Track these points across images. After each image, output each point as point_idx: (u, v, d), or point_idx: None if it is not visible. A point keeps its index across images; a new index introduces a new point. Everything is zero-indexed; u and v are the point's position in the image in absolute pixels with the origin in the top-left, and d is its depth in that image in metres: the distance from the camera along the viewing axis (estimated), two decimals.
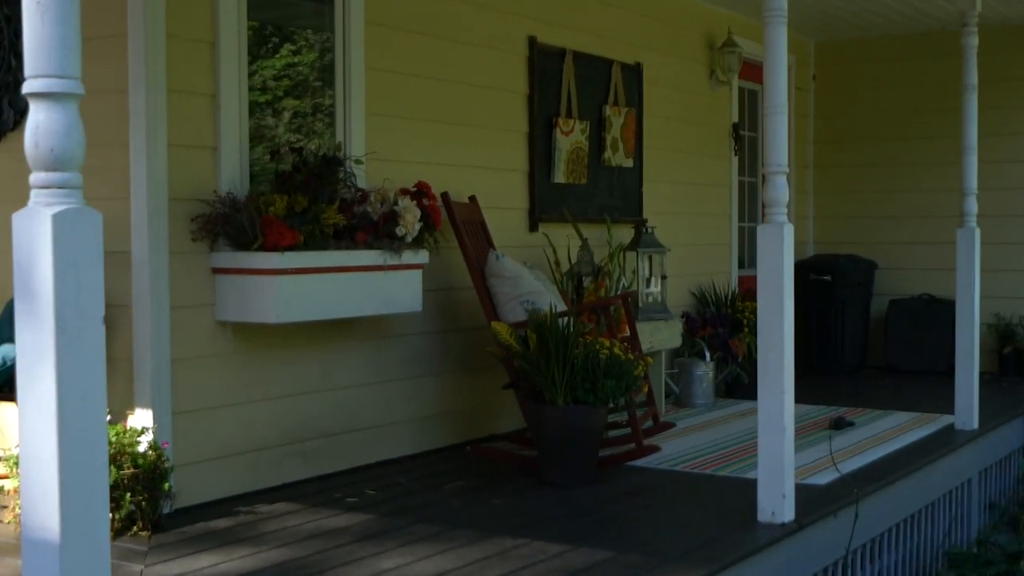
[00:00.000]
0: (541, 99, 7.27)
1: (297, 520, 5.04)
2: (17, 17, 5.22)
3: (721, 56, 9.12)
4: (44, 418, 2.25)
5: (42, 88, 2.35)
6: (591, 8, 7.79)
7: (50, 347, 2.24)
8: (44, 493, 2.26)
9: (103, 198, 5.03)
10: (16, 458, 4.75)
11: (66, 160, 2.35)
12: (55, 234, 2.29)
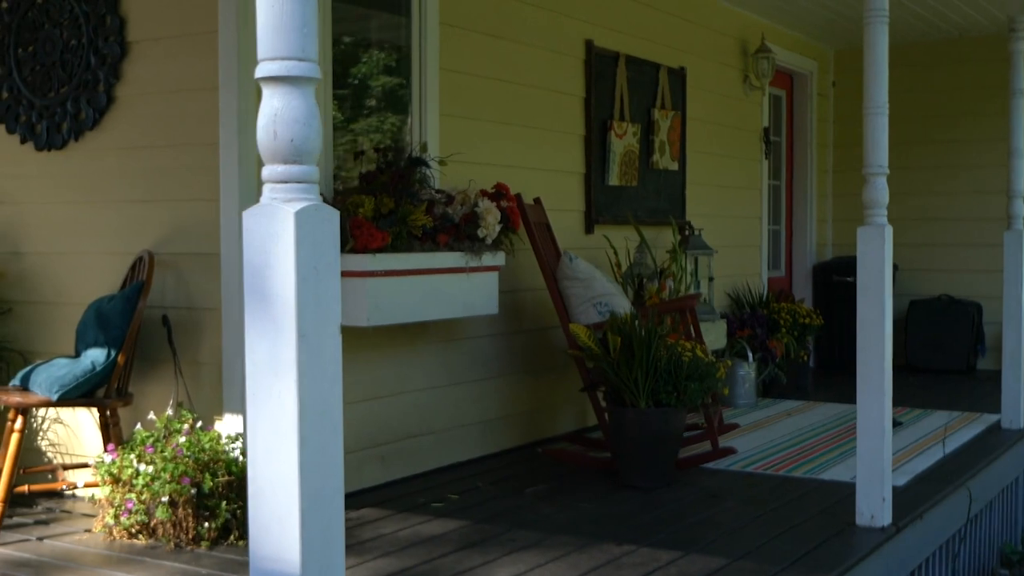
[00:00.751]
0: (597, 102, 6.99)
1: (391, 527, 4.73)
2: (96, 13, 4.89)
3: (755, 61, 8.86)
4: (282, 438, 1.93)
5: (280, 71, 2.02)
6: (641, 13, 7.50)
7: (291, 360, 1.93)
8: (281, 521, 1.94)
9: (192, 199, 4.73)
10: (108, 467, 4.43)
11: (306, 152, 2.02)
12: (298, 233, 1.97)
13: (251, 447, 2.00)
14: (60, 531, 4.68)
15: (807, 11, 8.82)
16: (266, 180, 2.06)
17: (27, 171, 5.36)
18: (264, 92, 2.07)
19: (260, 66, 2.06)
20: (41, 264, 5.34)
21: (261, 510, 1.99)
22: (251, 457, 2.00)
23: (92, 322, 4.73)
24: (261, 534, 2.00)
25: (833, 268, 10.01)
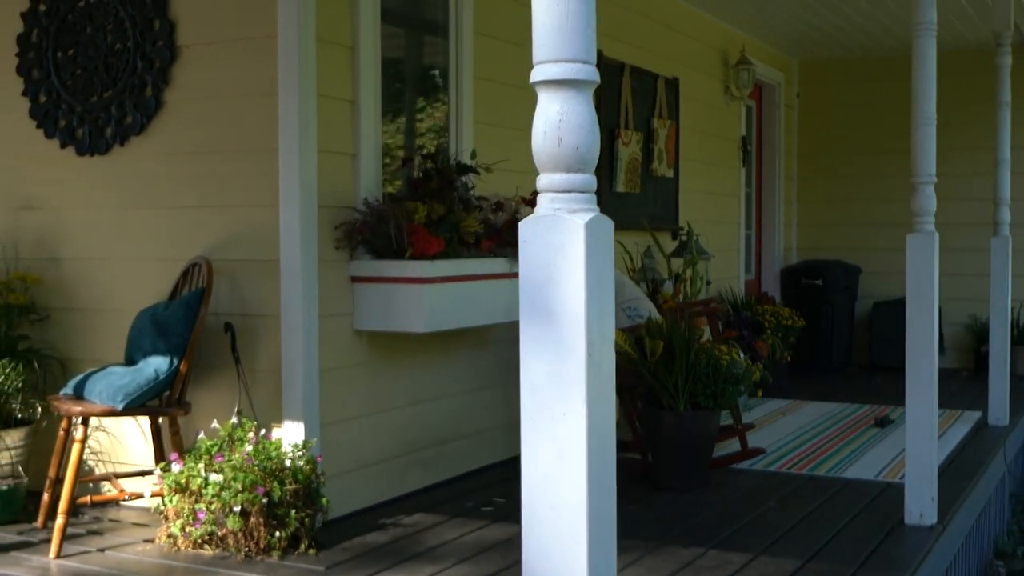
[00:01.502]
0: (605, 111, 6.87)
1: (452, 532, 4.55)
2: (143, 17, 4.63)
3: (735, 73, 8.82)
4: (567, 462, 1.76)
5: (562, 75, 1.83)
6: (642, 24, 7.41)
7: (579, 379, 1.76)
8: (562, 547, 1.76)
9: (249, 204, 4.51)
10: (175, 476, 4.19)
11: (589, 160, 1.84)
12: (588, 245, 1.80)
13: (528, 470, 1.82)
14: (117, 542, 4.41)
15: (782, 23, 8.80)
16: (545, 189, 1.88)
17: (66, 176, 5.06)
18: (541, 96, 1.89)
19: (539, 69, 1.87)
20: (80, 270, 5.05)
21: (538, 534, 1.81)
22: (528, 480, 1.83)
23: (148, 329, 4.47)
24: (537, 560, 1.82)
25: (802, 271, 10.03)
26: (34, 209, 5.16)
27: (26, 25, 5.13)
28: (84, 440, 4.28)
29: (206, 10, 4.70)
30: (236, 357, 4.52)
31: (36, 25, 5.10)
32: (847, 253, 10.21)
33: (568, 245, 1.79)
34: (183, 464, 4.22)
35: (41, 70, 5.09)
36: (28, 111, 5.13)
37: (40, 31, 5.09)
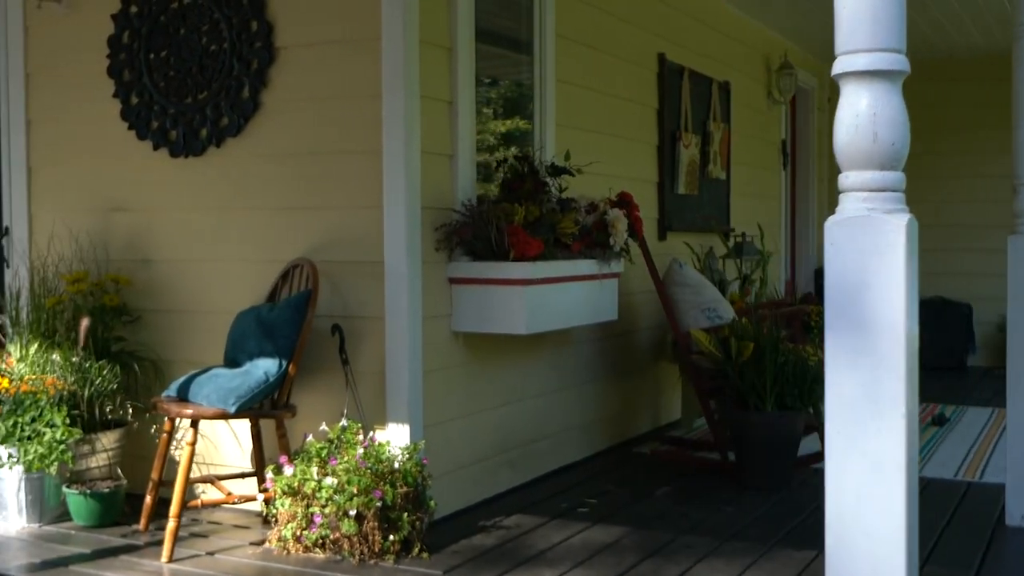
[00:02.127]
0: (668, 113, 6.70)
1: (557, 534, 4.38)
2: (240, 19, 4.45)
3: (778, 77, 8.66)
4: (884, 481, 1.59)
5: (874, 65, 1.66)
6: (698, 29, 7.24)
7: (898, 393, 1.59)
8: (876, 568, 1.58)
9: (354, 206, 4.33)
10: (287, 480, 4.00)
11: (903, 156, 1.67)
12: (908, 248, 1.62)
13: (835, 487, 1.65)
14: (224, 544, 4.23)
15: (819, 30, 8.65)
16: (854, 188, 1.71)
17: (158, 178, 4.87)
18: (847, 88, 1.72)
19: (843, 60, 1.70)
20: (172, 272, 4.87)
21: (846, 554, 1.64)
22: (834, 497, 1.66)
23: (253, 331, 4.29)
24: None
25: None
26: (124, 211, 4.97)
27: (116, 27, 4.94)
28: (194, 443, 4.09)
29: (305, 12, 4.52)
30: (344, 359, 4.34)
31: (127, 27, 4.91)
32: None
33: (887, 249, 1.62)
34: (294, 467, 4.03)
35: (132, 72, 4.90)
36: (120, 113, 4.93)
37: (131, 33, 4.90)
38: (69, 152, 5.11)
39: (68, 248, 5.05)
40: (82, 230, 5.05)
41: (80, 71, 5.05)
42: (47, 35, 5.14)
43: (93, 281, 4.81)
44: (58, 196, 5.13)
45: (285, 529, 4.06)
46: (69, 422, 4.34)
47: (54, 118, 5.14)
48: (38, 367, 4.65)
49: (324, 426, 4.24)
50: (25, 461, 4.25)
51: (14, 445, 4.33)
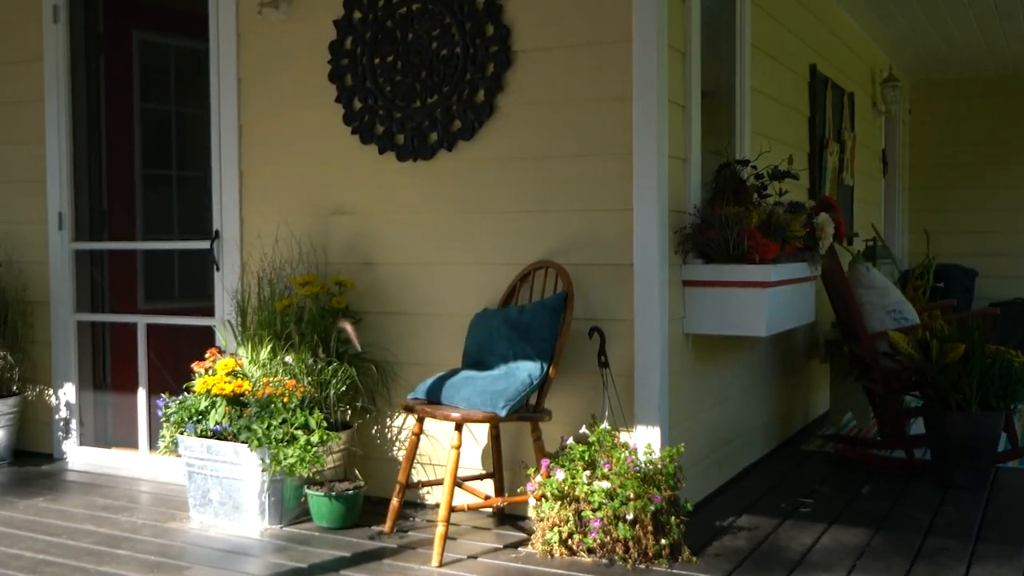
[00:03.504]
0: (817, 121, 6.34)
1: (804, 535, 4.00)
2: (475, 24, 4.08)
3: (882, 89, 8.30)
4: None
5: None
6: (833, 41, 6.89)
7: None
8: None
9: (601, 209, 3.96)
10: (557, 484, 3.63)
11: None
12: None
13: None
14: (478, 547, 3.86)
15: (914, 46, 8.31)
16: None
17: (383, 181, 4.50)
18: None
19: None
20: (397, 275, 4.49)
21: None
22: None
23: (504, 333, 3.92)
24: None
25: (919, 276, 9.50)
26: (345, 214, 4.59)
27: (339, 32, 4.56)
28: (459, 446, 3.71)
29: (545, 16, 4.15)
30: (604, 361, 3.96)
31: (350, 32, 4.54)
32: (960, 259, 9.71)
33: None
34: (559, 471, 3.66)
35: (356, 76, 4.53)
36: (342, 118, 4.56)
37: (355, 38, 4.53)
38: (284, 156, 4.73)
39: (284, 251, 4.68)
40: (299, 233, 4.67)
41: (296, 77, 4.68)
42: (260, 41, 4.77)
43: (321, 284, 4.43)
44: (272, 200, 4.76)
45: (551, 533, 3.68)
46: (326, 426, 3.96)
47: (267, 123, 4.77)
48: (271, 370, 4.28)
49: (584, 429, 3.87)
50: (285, 465, 3.88)
51: (268, 448, 3.95)
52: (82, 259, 5.47)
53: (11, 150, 5.55)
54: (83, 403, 5.47)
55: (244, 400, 4.11)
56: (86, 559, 3.73)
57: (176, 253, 5.97)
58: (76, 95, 5.40)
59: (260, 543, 3.93)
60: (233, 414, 4.07)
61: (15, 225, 5.54)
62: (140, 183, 5.73)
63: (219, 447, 4.12)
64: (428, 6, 4.35)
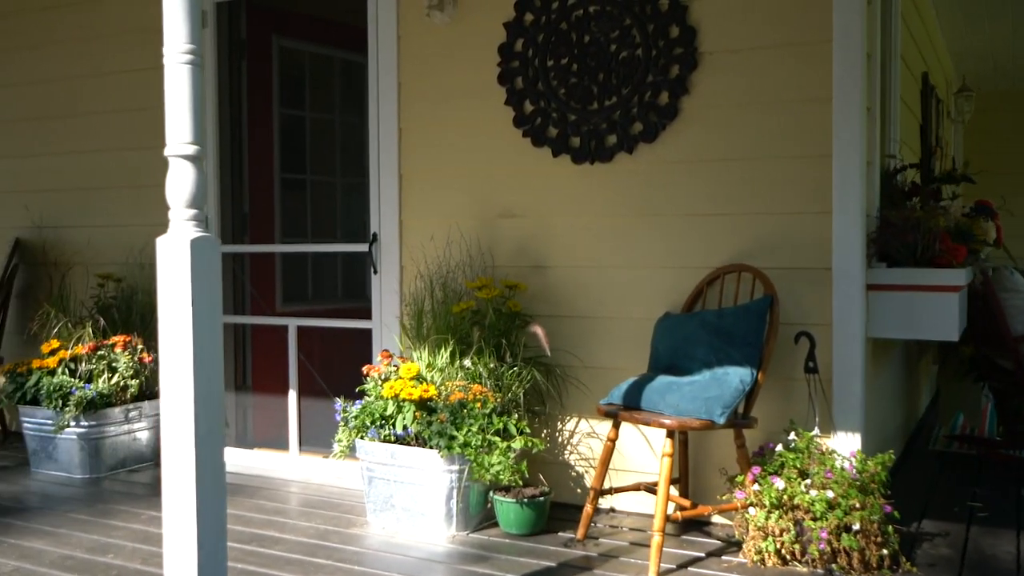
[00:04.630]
0: (928, 128, 5.99)
1: (1002, 543, 3.64)
2: (658, 26, 3.72)
3: (956, 99, 7.95)
4: None
5: None
6: (930, 49, 6.54)
7: None
8: None
9: (795, 212, 3.59)
10: (776, 493, 3.27)
11: None
12: None
13: None
14: (681, 558, 3.49)
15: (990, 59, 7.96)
16: None
17: (557, 184, 4.14)
18: None
19: None
20: (570, 278, 4.13)
21: None
22: None
23: (702, 338, 3.55)
24: None
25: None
26: (515, 217, 4.23)
27: (509, 35, 4.20)
28: (672, 454, 3.35)
29: (732, 17, 3.79)
30: (813, 367, 3.60)
31: (521, 35, 4.18)
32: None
33: None
34: (776, 479, 3.30)
35: (527, 79, 4.17)
36: (512, 120, 4.20)
37: (526, 41, 4.17)
38: (446, 160, 4.37)
39: (448, 254, 4.32)
40: (464, 236, 4.31)
41: (460, 79, 4.32)
42: (422, 45, 4.41)
43: (496, 289, 4.07)
44: (434, 203, 4.40)
45: (766, 542, 3.32)
46: (530, 432, 3.60)
47: (429, 126, 4.40)
48: (449, 374, 3.92)
49: (793, 435, 3.51)
50: (493, 472, 3.52)
51: (464, 454, 3.59)
52: (225, 262, 5.11)
53: (152, 155, 5.18)
54: (226, 405, 5.10)
55: (432, 405, 3.75)
56: (289, 569, 3.37)
57: (309, 257, 5.63)
58: (219, 100, 5.03)
59: (456, 551, 3.57)
60: (422, 419, 3.70)
61: (159, 228, 5.16)
62: (278, 187, 5.37)
63: (405, 452, 3.76)
64: (606, 8, 3.99)
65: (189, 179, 2.38)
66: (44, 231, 5.44)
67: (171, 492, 2.38)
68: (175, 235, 2.38)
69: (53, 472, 4.77)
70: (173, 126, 2.40)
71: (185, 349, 2.34)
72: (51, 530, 3.84)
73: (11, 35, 5.67)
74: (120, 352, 4.73)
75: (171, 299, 2.35)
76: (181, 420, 2.36)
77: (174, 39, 2.40)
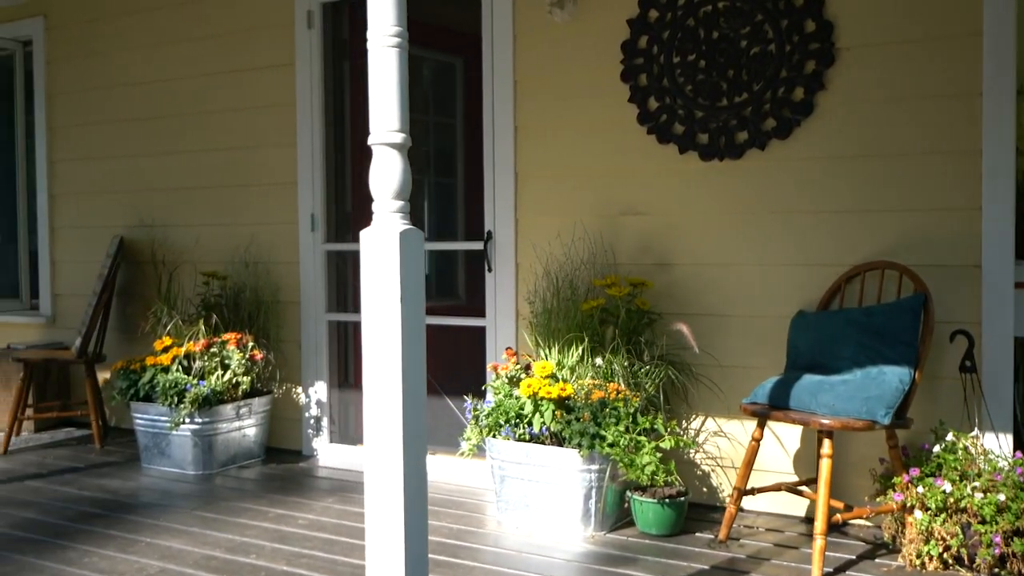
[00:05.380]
0: None
1: None
2: (792, 20, 3.46)
3: None
4: None
5: None
6: None
7: None
8: None
9: (944, 208, 3.32)
10: (943, 496, 3.00)
11: None
12: None
13: None
14: (837, 561, 3.23)
15: None
16: None
17: (682, 181, 3.89)
18: None
19: None
20: (696, 275, 3.88)
21: None
22: None
23: (851, 336, 3.29)
24: None
25: None
26: (638, 214, 3.98)
27: (632, 32, 3.95)
28: (832, 455, 3.08)
29: (871, 11, 3.53)
30: (970, 366, 3.33)
31: (644, 31, 3.93)
32: None
33: None
34: (942, 481, 3.04)
35: (651, 76, 3.92)
36: (636, 117, 3.95)
37: (650, 37, 3.92)
38: (564, 157, 4.13)
39: (563, 251, 4.07)
40: (583, 234, 4.06)
41: (579, 77, 4.07)
42: (538, 43, 4.16)
43: (623, 288, 3.82)
44: (551, 201, 4.16)
45: (928, 546, 3.06)
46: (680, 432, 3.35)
47: (546, 125, 4.16)
48: (580, 372, 3.67)
49: (951, 435, 3.24)
50: (647, 473, 3.27)
51: (607, 453, 3.34)
52: (329, 260, 4.88)
53: (260, 153, 4.96)
54: (331, 401, 4.87)
55: (570, 404, 3.50)
56: (438, 571, 3.13)
57: None
58: (324, 100, 4.80)
59: (598, 552, 3.33)
60: (562, 418, 3.46)
61: (263, 226, 4.95)
62: None
63: (542, 451, 3.51)
64: (736, 4, 3.74)
65: (396, 169, 2.14)
66: (153, 230, 5.22)
67: (376, 494, 2.14)
68: (382, 227, 2.14)
69: (165, 468, 4.55)
70: (378, 113, 2.16)
71: (393, 347, 2.09)
72: (184, 529, 3.61)
73: (127, 35, 5.46)
74: (233, 349, 4.50)
75: (378, 294, 2.11)
76: (388, 420, 2.12)
77: (380, 21, 2.17)
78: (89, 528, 3.61)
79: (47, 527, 3.64)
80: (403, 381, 2.10)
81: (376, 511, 2.14)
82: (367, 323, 2.15)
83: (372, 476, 2.15)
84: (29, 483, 4.32)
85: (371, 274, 2.12)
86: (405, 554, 2.10)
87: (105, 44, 5.47)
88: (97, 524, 3.67)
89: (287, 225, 4.85)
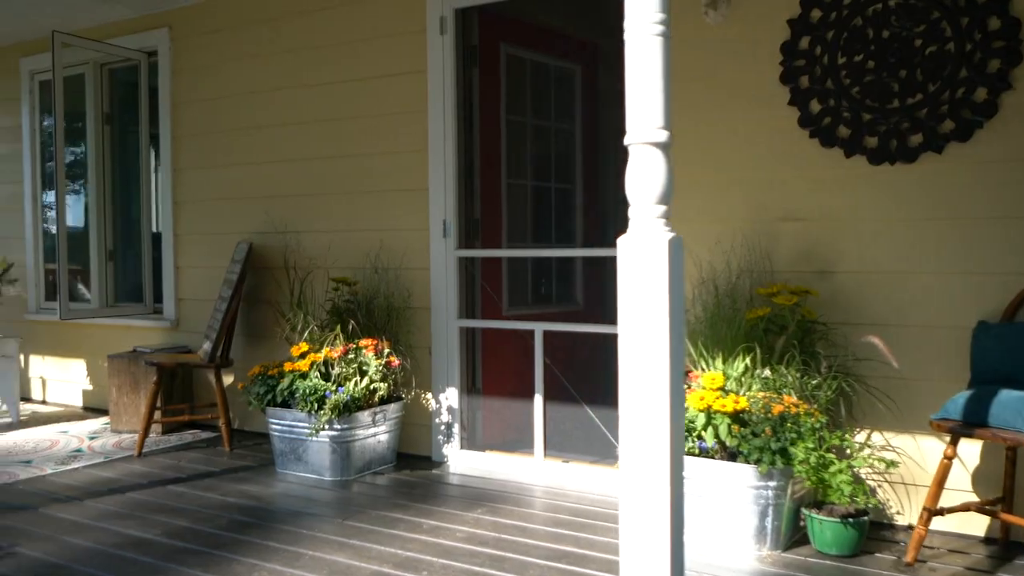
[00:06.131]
0: None
1: None
2: (973, 18, 3.08)
3: None
4: None
5: None
6: None
7: None
8: None
9: None
10: None
11: None
12: None
13: None
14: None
15: None
16: None
17: (848, 186, 3.55)
18: None
19: None
20: (863, 284, 3.54)
21: None
22: None
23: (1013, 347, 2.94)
24: None
25: None
26: (798, 220, 3.65)
27: (793, 32, 3.62)
28: None
29: None
30: None
31: (806, 32, 3.60)
32: None
33: None
34: None
35: (813, 78, 3.59)
36: (797, 120, 3.62)
37: (813, 38, 3.59)
38: (714, 161, 3.81)
39: (727, 259, 3.75)
40: (740, 240, 3.74)
41: (732, 79, 3.75)
42: (686, 45, 3.84)
43: (792, 298, 3.49)
44: (698, 206, 3.84)
45: None
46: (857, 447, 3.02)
47: (691, 127, 3.85)
48: (745, 383, 3.35)
49: None
50: (847, 494, 2.94)
51: (802, 472, 3.01)
52: (460, 266, 4.60)
53: (389, 160, 4.70)
54: (462, 407, 4.59)
55: (745, 417, 3.18)
56: None
57: (530, 261, 5.12)
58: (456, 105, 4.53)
59: (776, 573, 3.00)
60: (738, 433, 3.14)
61: (392, 232, 4.69)
62: (505, 193, 4.86)
63: (712, 466, 3.19)
64: (910, 1, 3.39)
65: (660, 170, 1.84)
66: (286, 236, 4.99)
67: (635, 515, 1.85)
68: (645, 235, 1.84)
69: (302, 474, 4.30)
70: (639, 108, 1.86)
71: (660, 364, 1.80)
72: (342, 540, 3.35)
73: (251, 44, 5.24)
74: (370, 355, 4.24)
75: (641, 307, 1.82)
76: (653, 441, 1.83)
77: (642, 7, 1.86)
78: (246, 539, 3.37)
79: (203, 536, 3.40)
80: (671, 398, 1.80)
81: (635, 533, 1.84)
82: (627, 337, 1.86)
83: (632, 498, 1.85)
84: (172, 488, 4.10)
85: (633, 285, 1.83)
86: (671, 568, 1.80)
87: (229, 54, 5.27)
88: (252, 534, 3.42)
89: (417, 232, 4.59)
